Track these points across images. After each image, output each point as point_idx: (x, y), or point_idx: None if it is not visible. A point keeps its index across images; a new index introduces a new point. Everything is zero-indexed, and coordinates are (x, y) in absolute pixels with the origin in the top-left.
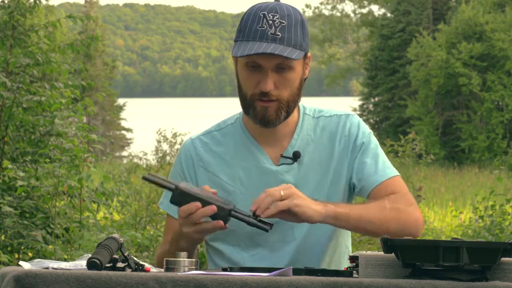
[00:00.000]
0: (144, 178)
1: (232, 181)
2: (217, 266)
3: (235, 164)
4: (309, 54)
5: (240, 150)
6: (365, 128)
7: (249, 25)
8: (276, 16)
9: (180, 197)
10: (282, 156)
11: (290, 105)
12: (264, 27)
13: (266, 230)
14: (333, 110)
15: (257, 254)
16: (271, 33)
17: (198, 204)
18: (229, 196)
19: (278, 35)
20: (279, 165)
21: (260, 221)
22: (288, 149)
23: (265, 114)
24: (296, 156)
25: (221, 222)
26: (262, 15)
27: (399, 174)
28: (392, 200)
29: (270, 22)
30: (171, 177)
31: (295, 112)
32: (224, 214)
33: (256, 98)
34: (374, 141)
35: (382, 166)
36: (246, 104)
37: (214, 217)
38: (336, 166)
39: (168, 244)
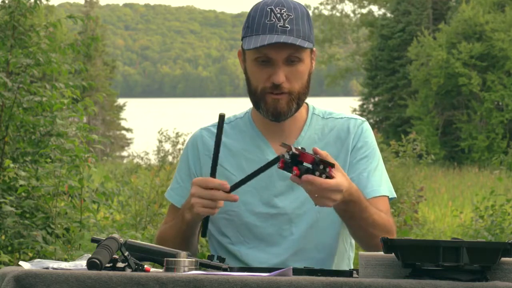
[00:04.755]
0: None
1: (235, 171)
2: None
3: (240, 155)
4: (314, 48)
5: (246, 143)
6: (373, 139)
7: (257, 20)
8: (284, 9)
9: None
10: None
11: (301, 98)
12: (272, 20)
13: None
14: (344, 114)
15: (255, 247)
16: (280, 26)
17: (221, 183)
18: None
19: (287, 27)
20: None
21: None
22: (294, 145)
23: (276, 107)
24: None
25: (235, 196)
26: (269, 10)
27: (393, 196)
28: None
29: (278, 15)
30: (179, 165)
31: (303, 111)
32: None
33: (267, 91)
34: (378, 154)
35: (377, 182)
36: (257, 98)
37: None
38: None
39: (173, 219)
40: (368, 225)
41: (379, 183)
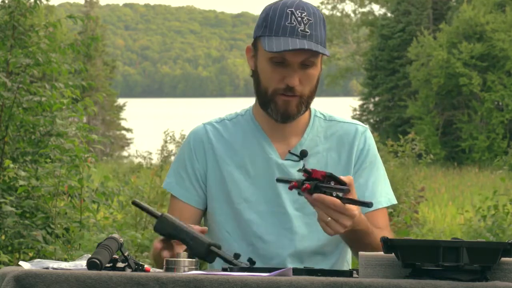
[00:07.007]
0: (134, 203)
1: (238, 169)
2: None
3: (243, 153)
4: None
5: (248, 141)
6: (375, 147)
7: (276, 21)
8: (304, 13)
9: (162, 224)
10: (289, 152)
11: (309, 101)
12: (293, 23)
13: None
14: (345, 118)
15: (255, 245)
16: (301, 30)
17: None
18: (233, 184)
19: (308, 32)
20: (285, 160)
21: (234, 263)
22: (297, 147)
23: (287, 108)
24: (303, 155)
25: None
26: (289, 12)
27: (394, 202)
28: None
29: (299, 18)
30: (181, 158)
31: (306, 112)
32: (202, 248)
33: (279, 92)
34: (379, 162)
35: (379, 193)
36: (267, 99)
37: (193, 251)
38: (342, 174)
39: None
40: (370, 250)
41: (379, 194)
